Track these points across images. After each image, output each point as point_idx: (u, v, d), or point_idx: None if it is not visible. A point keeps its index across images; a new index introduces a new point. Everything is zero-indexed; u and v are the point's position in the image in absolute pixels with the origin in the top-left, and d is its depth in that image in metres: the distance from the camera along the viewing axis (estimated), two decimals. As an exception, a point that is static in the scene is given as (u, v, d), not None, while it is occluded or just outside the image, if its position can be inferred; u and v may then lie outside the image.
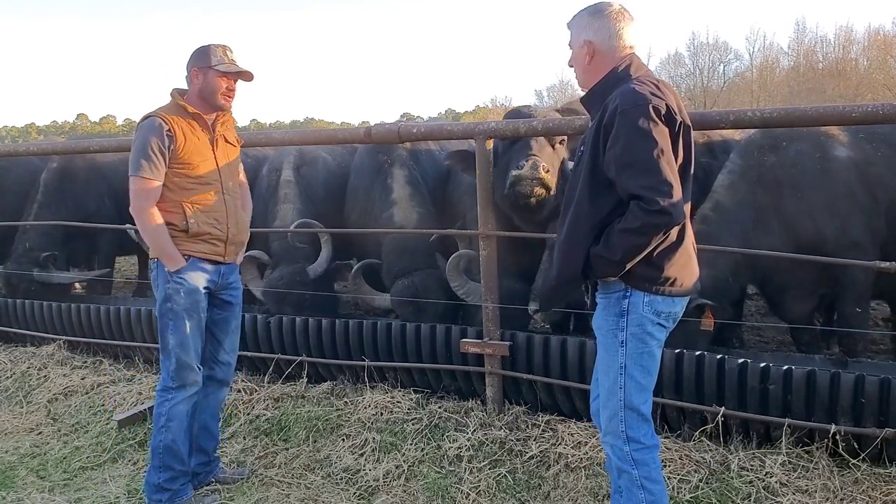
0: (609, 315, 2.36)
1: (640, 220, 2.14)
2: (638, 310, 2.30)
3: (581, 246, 2.28)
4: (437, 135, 4.34)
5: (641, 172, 2.13)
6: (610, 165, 2.19)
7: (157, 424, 3.15)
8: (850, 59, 39.67)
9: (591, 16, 2.36)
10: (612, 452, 2.42)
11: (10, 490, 3.42)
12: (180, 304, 3.09)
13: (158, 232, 3.03)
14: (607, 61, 2.34)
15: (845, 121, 3.28)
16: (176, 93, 3.17)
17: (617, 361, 2.34)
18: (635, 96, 2.18)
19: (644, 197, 2.12)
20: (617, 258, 2.21)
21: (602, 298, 2.40)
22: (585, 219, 2.28)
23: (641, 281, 2.28)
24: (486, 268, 3.77)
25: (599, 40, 2.33)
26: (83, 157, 6.09)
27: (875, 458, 3.09)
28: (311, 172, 5.29)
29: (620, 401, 2.35)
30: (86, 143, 5.42)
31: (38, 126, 68.41)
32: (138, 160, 2.99)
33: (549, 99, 54.97)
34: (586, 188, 2.28)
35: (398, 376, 4.13)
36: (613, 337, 2.35)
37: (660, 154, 2.13)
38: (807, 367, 3.23)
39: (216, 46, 3.13)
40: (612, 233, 2.22)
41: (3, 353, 5.19)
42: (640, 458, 2.37)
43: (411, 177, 4.83)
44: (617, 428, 2.37)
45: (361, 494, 3.28)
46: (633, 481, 2.38)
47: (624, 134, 2.15)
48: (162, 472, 3.14)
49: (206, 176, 3.13)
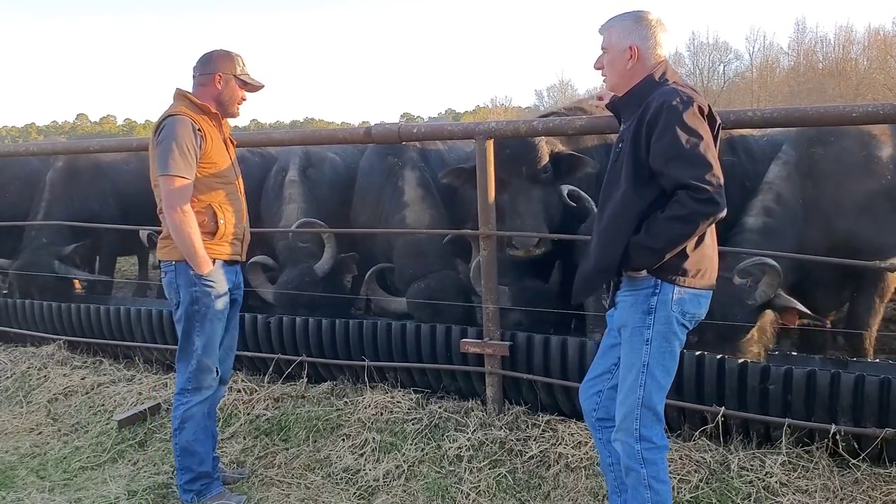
0: (636, 312, 2.39)
1: (688, 208, 2.20)
2: (666, 308, 2.34)
3: (621, 236, 2.34)
4: (437, 135, 4.34)
5: (690, 163, 2.20)
6: (657, 158, 2.25)
7: (173, 427, 3.17)
8: (850, 59, 39.69)
9: (635, 22, 2.44)
10: (622, 450, 2.44)
11: (9, 490, 3.42)
12: (210, 306, 3.07)
13: (194, 233, 2.96)
14: (646, 67, 2.43)
15: (845, 121, 3.27)
16: (184, 93, 3.12)
17: (640, 359, 2.38)
18: (681, 94, 2.27)
19: (693, 185, 2.18)
20: (659, 246, 2.26)
21: (629, 295, 2.42)
22: (628, 209, 2.34)
23: (672, 272, 2.32)
24: (486, 268, 3.77)
25: (644, 47, 2.42)
26: (87, 156, 6.09)
27: (875, 458, 3.09)
28: (317, 173, 5.29)
29: (639, 399, 2.38)
30: (86, 143, 5.42)
31: (38, 126, 68.49)
32: (170, 158, 2.89)
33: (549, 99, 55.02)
34: (629, 180, 2.33)
35: (398, 376, 4.13)
36: (639, 334, 2.38)
37: (706, 147, 2.22)
38: (807, 367, 3.22)
39: (236, 55, 3.15)
40: (656, 221, 2.28)
41: (3, 353, 5.19)
42: (649, 458, 2.40)
43: (422, 179, 4.80)
44: (631, 426, 2.40)
45: (361, 494, 3.28)
46: (641, 480, 2.40)
47: (672, 128, 2.22)
48: (183, 473, 3.16)
49: (227, 175, 3.15)
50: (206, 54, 3.15)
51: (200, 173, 3.01)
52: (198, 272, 3.01)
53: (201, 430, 3.17)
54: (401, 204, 4.74)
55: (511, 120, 4.43)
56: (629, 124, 2.40)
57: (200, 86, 3.12)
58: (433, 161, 5.09)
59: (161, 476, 3.48)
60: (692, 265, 2.33)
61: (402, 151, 4.86)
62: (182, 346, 3.13)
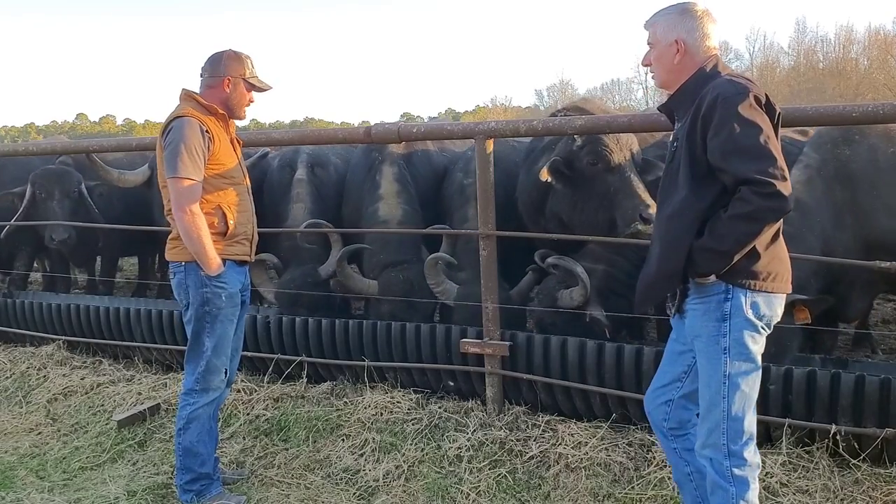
0: (709, 321, 2.25)
1: (753, 205, 2.07)
2: (741, 313, 2.21)
3: (684, 239, 2.22)
4: (437, 135, 4.34)
5: (752, 157, 2.08)
6: (715, 153, 2.14)
7: (178, 426, 3.16)
8: (850, 58, 39.72)
9: (680, 15, 2.34)
10: (711, 466, 2.29)
11: (9, 490, 3.42)
12: (221, 307, 3.06)
13: (203, 234, 2.95)
14: (695, 61, 2.32)
15: (846, 121, 3.27)
16: (191, 93, 3.10)
17: (720, 370, 2.24)
18: (735, 86, 2.16)
19: (757, 180, 2.06)
20: (726, 248, 2.13)
21: (699, 304, 2.29)
22: (688, 210, 2.22)
23: (743, 276, 2.19)
24: (486, 268, 3.77)
25: (691, 39, 2.31)
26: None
27: (875, 458, 3.08)
28: (324, 172, 5.30)
29: (723, 412, 2.24)
30: (86, 143, 5.41)
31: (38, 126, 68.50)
32: (178, 160, 2.88)
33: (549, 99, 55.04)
34: (687, 180, 2.23)
35: (398, 376, 4.12)
36: (715, 343, 2.24)
37: (767, 139, 2.10)
38: (807, 368, 3.22)
39: (246, 56, 3.13)
40: (720, 222, 2.15)
41: (3, 353, 5.18)
42: (740, 476, 2.25)
43: (400, 174, 4.86)
44: (718, 441, 2.26)
45: (361, 495, 3.27)
46: (729, 500, 2.25)
47: (729, 121, 2.10)
48: (183, 473, 3.15)
49: (235, 176, 3.14)
50: (215, 55, 3.12)
51: (208, 174, 3.00)
52: (208, 273, 3.00)
53: (205, 432, 3.16)
54: (375, 196, 4.79)
55: (511, 120, 4.41)
56: (683, 122, 2.28)
57: (209, 87, 3.10)
58: (418, 160, 5.14)
59: (161, 476, 3.47)
60: (763, 267, 2.19)
61: (384, 148, 4.89)
62: (191, 346, 3.12)
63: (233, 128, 3.23)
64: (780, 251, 2.26)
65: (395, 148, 4.90)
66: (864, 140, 3.94)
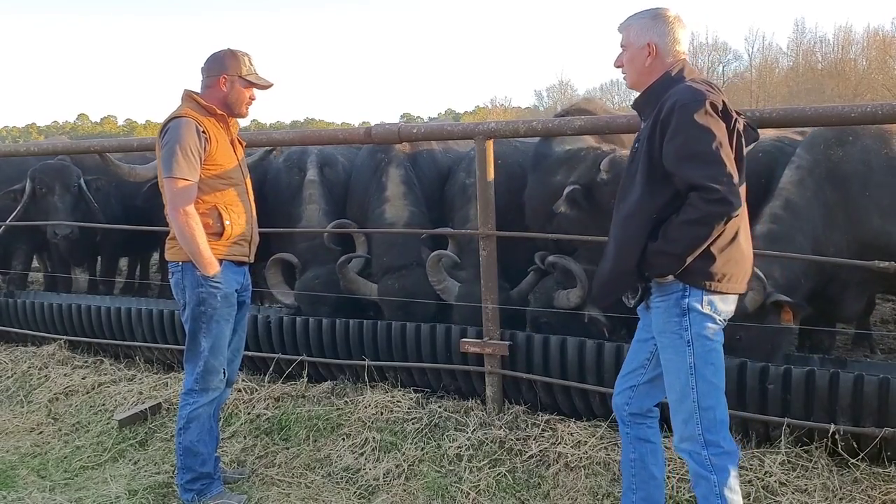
0: (670, 316, 2.35)
1: (701, 210, 2.18)
2: (698, 309, 2.30)
3: (638, 239, 2.31)
4: (437, 135, 4.35)
5: (701, 163, 2.18)
6: (669, 157, 2.23)
7: (178, 426, 3.17)
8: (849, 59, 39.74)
9: (653, 19, 2.44)
10: (691, 458, 2.36)
11: (10, 489, 3.43)
12: (216, 308, 3.06)
13: (198, 234, 2.95)
14: (665, 64, 2.42)
15: (845, 121, 3.28)
16: (191, 94, 3.11)
17: (685, 361, 2.32)
18: (693, 92, 2.25)
19: (705, 186, 2.16)
20: (679, 251, 2.24)
21: (661, 301, 2.38)
22: (643, 211, 2.32)
23: (698, 277, 2.28)
24: (486, 268, 3.78)
25: (662, 43, 2.41)
26: (92, 157, 6.07)
27: (874, 457, 3.10)
28: (333, 173, 5.30)
29: (694, 402, 2.32)
30: (87, 143, 5.42)
31: (39, 126, 68.49)
32: (173, 160, 2.88)
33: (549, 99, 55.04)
34: (644, 181, 2.31)
35: (398, 376, 4.13)
36: (679, 337, 2.33)
37: (718, 146, 2.18)
38: (806, 367, 3.23)
39: (243, 54, 3.13)
40: (672, 226, 2.25)
41: (4, 353, 5.19)
42: (719, 464, 2.31)
43: (406, 176, 4.86)
44: (694, 432, 2.33)
45: (362, 494, 3.28)
46: (712, 489, 2.31)
47: (684, 127, 2.20)
48: (184, 473, 3.16)
49: (233, 177, 3.13)
50: (213, 55, 3.13)
51: (205, 174, 2.99)
52: (203, 273, 3.01)
53: (206, 432, 3.17)
54: (382, 199, 4.79)
55: (511, 120, 4.43)
56: (647, 124, 2.38)
57: (207, 87, 3.11)
58: (423, 160, 5.13)
59: (162, 475, 3.48)
60: (718, 269, 2.28)
61: (390, 149, 4.89)
62: (189, 346, 3.12)
63: (234, 128, 3.22)
64: (735, 254, 2.34)
65: (401, 149, 4.90)
66: (858, 141, 3.95)
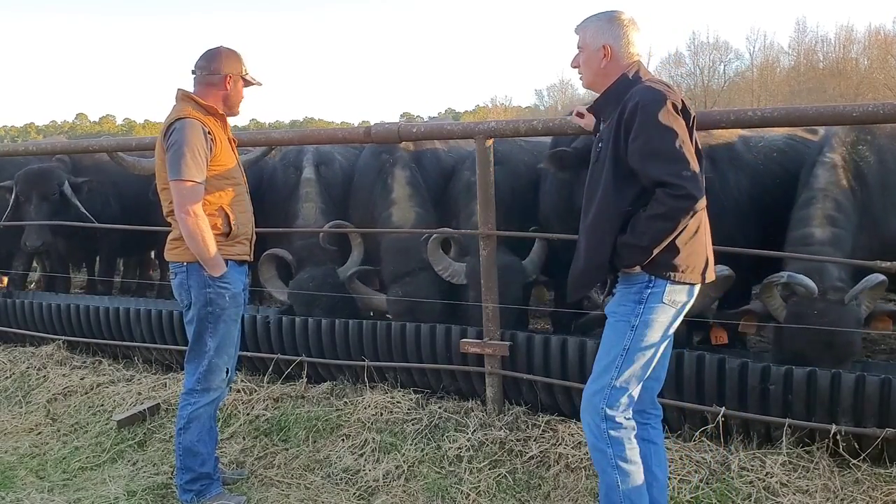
0: (627, 301, 2.44)
1: (666, 206, 2.27)
2: (658, 299, 2.40)
3: (607, 234, 2.40)
4: (437, 135, 4.33)
5: (666, 161, 2.27)
6: (634, 156, 2.32)
7: (178, 426, 3.16)
8: (850, 58, 39.74)
9: (608, 22, 2.50)
10: (588, 430, 2.48)
11: (9, 490, 3.42)
12: (224, 308, 3.07)
13: (208, 236, 2.96)
14: (620, 66, 2.49)
15: (846, 120, 3.27)
16: (188, 94, 3.09)
17: (621, 343, 2.43)
18: (654, 93, 2.33)
19: (670, 183, 2.25)
20: (645, 244, 2.32)
21: (624, 287, 2.47)
22: (611, 208, 2.40)
23: (664, 268, 2.38)
24: (486, 268, 3.77)
25: (617, 46, 2.48)
26: (91, 156, 6.06)
27: (876, 458, 3.09)
28: (329, 171, 5.28)
29: (612, 379, 2.43)
30: (86, 143, 5.41)
31: (38, 126, 68.55)
32: (182, 162, 2.88)
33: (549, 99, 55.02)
34: (610, 179, 2.40)
35: (398, 376, 4.12)
36: (626, 321, 2.43)
37: (681, 144, 2.28)
38: (807, 367, 3.22)
39: (240, 53, 3.15)
40: (639, 220, 2.34)
41: (3, 354, 5.18)
42: (616, 437, 2.43)
43: (412, 177, 4.82)
44: (598, 405, 2.44)
45: (361, 495, 3.27)
46: (608, 460, 2.44)
47: (647, 126, 2.28)
48: (183, 473, 3.15)
49: (235, 176, 3.15)
50: (211, 52, 3.12)
51: (210, 175, 2.99)
52: (212, 274, 3.01)
53: (206, 432, 3.16)
54: (389, 202, 4.76)
55: (511, 120, 4.41)
56: (608, 124, 2.45)
57: (209, 86, 3.09)
58: (427, 160, 5.11)
59: (160, 476, 3.47)
60: (682, 261, 2.38)
61: (395, 150, 4.87)
62: (193, 347, 3.12)
63: (228, 128, 3.24)
64: (697, 247, 2.43)
65: (405, 147, 4.86)
66: (876, 141, 3.93)
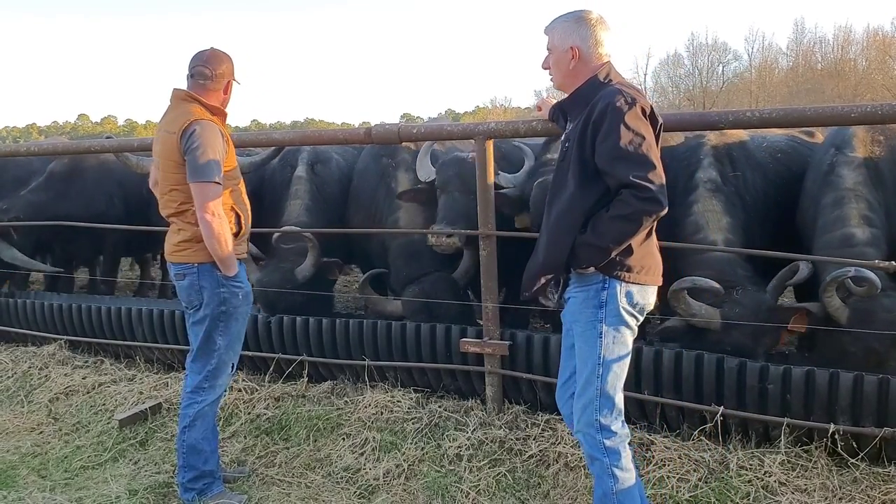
0: (587, 307, 2.46)
1: (632, 207, 2.28)
2: (615, 300, 2.41)
3: (568, 233, 2.42)
4: (437, 135, 4.34)
5: (633, 163, 2.27)
6: (601, 158, 2.32)
7: (182, 424, 3.17)
8: (848, 59, 39.79)
9: (575, 23, 2.49)
10: (584, 441, 2.51)
11: (11, 489, 3.43)
12: (237, 306, 3.12)
13: (229, 236, 3.02)
14: (589, 67, 2.48)
15: (845, 121, 3.29)
16: (192, 95, 3.09)
17: (595, 352, 2.45)
18: (624, 96, 2.33)
19: (637, 185, 2.25)
20: (605, 244, 2.34)
21: (579, 291, 2.49)
22: (575, 207, 2.42)
23: (618, 269, 2.40)
24: (486, 268, 3.78)
25: (584, 47, 2.47)
26: (95, 156, 6.07)
27: (874, 457, 3.10)
28: (325, 170, 5.27)
29: (597, 390, 2.45)
30: (87, 144, 5.42)
31: (40, 126, 68.53)
32: (206, 165, 2.93)
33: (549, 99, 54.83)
34: (575, 179, 2.41)
35: (398, 376, 4.14)
36: (592, 328, 2.45)
37: (648, 148, 2.30)
38: (805, 367, 3.23)
39: None
40: (601, 220, 2.35)
41: (5, 353, 5.20)
42: (611, 447, 2.46)
43: (416, 180, 4.80)
44: (591, 417, 2.47)
45: (362, 493, 3.29)
46: (604, 469, 2.48)
47: (616, 128, 2.28)
48: (186, 471, 3.16)
49: (238, 176, 3.23)
50: (214, 56, 3.13)
51: (223, 177, 3.04)
52: (226, 273, 3.05)
53: (210, 430, 3.19)
54: (395, 206, 4.75)
55: (511, 120, 4.43)
56: (576, 124, 2.45)
57: (213, 91, 3.12)
58: None
59: (162, 475, 3.48)
60: (637, 262, 2.40)
61: (396, 153, 4.86)
62: (201, 346, 3.13)
63: (227, 127, 3.28)
64: (652, 248, 2.48)
65: (406, 147, 4.86)
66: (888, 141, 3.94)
